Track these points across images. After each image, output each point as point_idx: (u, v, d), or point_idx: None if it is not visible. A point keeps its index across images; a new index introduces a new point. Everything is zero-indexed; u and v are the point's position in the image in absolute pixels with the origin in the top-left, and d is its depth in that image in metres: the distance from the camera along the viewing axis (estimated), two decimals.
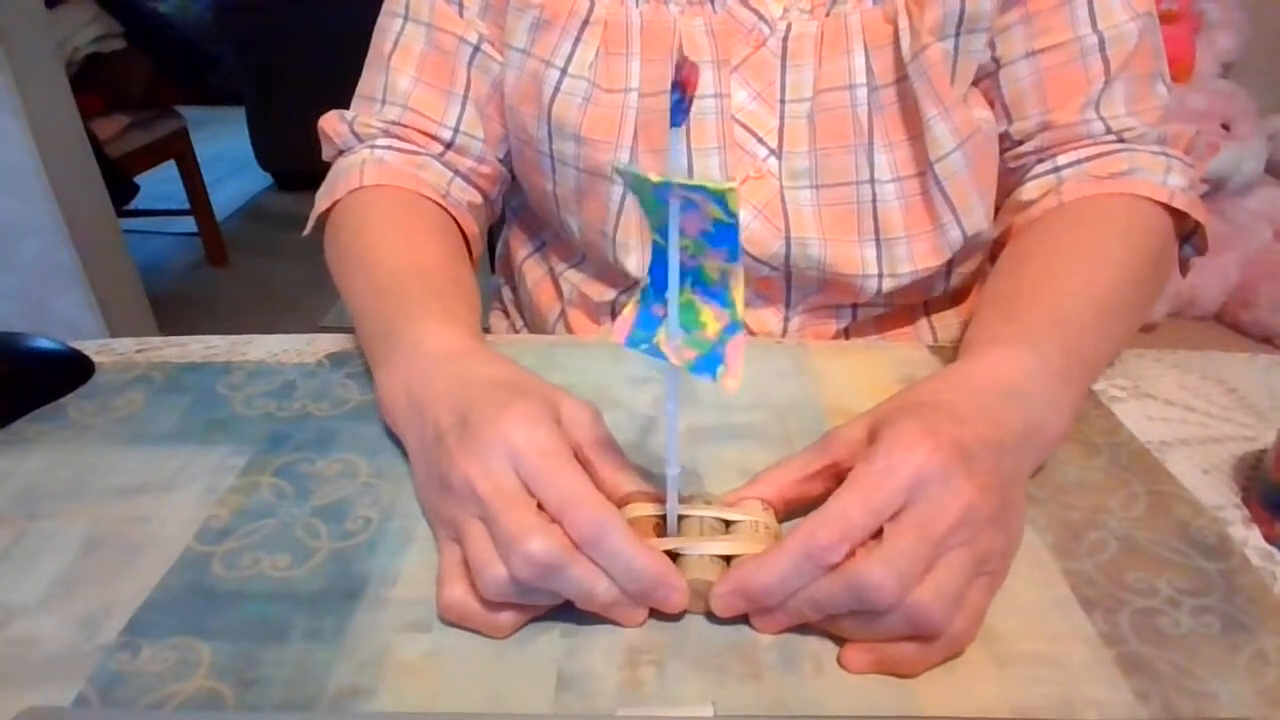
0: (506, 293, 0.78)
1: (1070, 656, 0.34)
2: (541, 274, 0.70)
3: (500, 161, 0.65)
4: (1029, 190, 0.59)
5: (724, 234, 0.30)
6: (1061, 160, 0.58)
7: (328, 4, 2.67)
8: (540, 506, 0.35)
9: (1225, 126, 1.78)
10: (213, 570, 0.39)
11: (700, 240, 0.31)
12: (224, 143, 3.47)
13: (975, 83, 0.58)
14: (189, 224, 2.65)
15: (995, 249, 0.62)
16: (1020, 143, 0.59)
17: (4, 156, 1.57)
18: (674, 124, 0.30)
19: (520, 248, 0.73)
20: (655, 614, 0.36)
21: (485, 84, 0.62)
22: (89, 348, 0.57)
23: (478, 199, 0.64)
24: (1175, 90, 0.60)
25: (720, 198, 0.28)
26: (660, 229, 0.31)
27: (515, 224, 0.74)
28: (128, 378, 0.54)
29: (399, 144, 0.61)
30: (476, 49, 0.61)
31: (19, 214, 1.62)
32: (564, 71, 0.57)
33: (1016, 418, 0.40)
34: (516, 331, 0.75)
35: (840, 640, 0.35)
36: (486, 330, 0.70)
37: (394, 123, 0.61)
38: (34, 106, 1.57)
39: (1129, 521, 0.41)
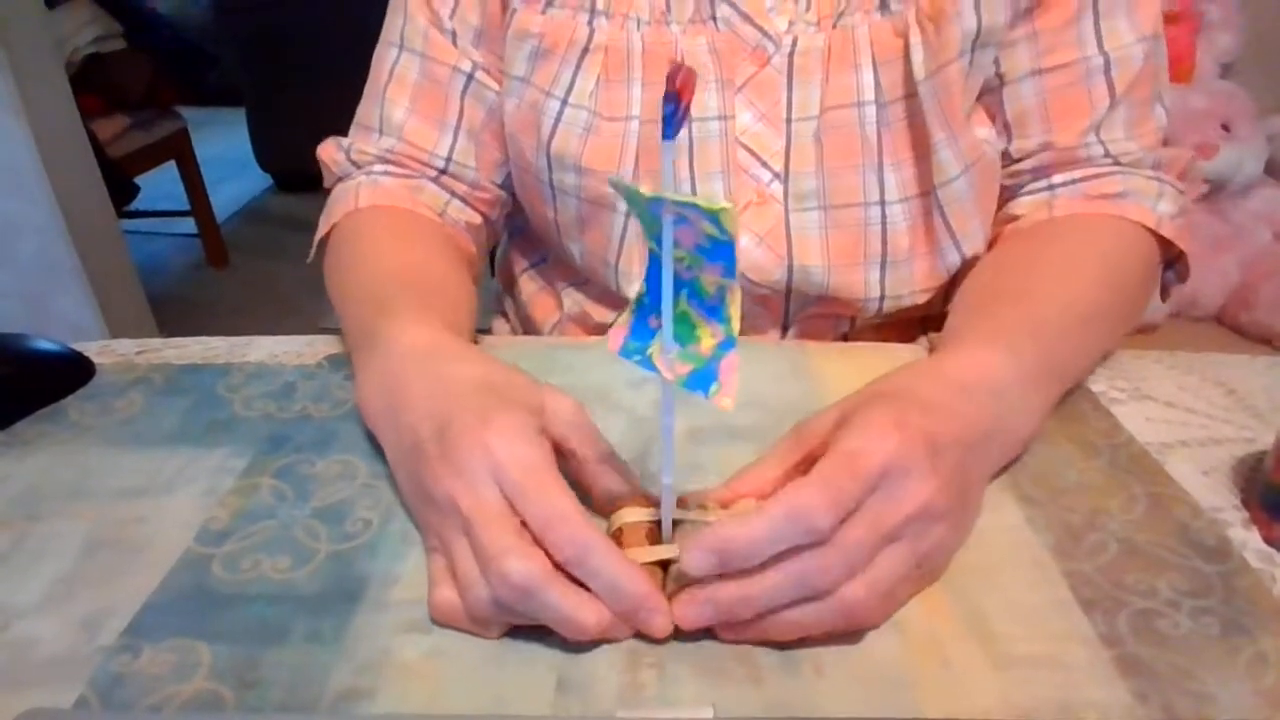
0: (507, 299, 0.78)
1: (1070, 658, 0.34)
2: (538, 288, 0.70)
3: (499, 186, 0.64)
4: (1021, 206, 0.59)
5: (720, 250, 0.30)
6: (1057, 179, 0.58)
7: (328, 4, 2.68)
8: (525, 524, 0.35)
9: (1225, 127, 1.78)
10: (213, 572, 0.39)
11: (696, 254, 0.30)
12: (224, 143, 3.46)
13: (978, 98, 0.58)
14: (189, 225, 2.65)
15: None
16: (1018, 160, 0.59)
17: (4, 156, 1.57)
18: (666, 136, 0.29)
19: (519, 261, 0.72)
20: None
21: (480, 112, 0.61)
22: (90, 349, 0.57)
23: (476, 219, 0.64)
24: (1176, 91, 0.60)
25: (714, 216, 0.28)
26: (655, 237, 0.31)
27: (516, 239, 0.74)
28: (128, 379, 0.54)
29: (395, 169, 0.62)
30: (470, 77, 0.60)
31: (19, 214, 1.62)
32: (564, 102, 0.56)
33: (986, 416, 0.40)
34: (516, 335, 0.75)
35: (837, 642, 0.35)
36: (487, 332, 0.70)
37: (389, 150, 0.61)
38: (34, 106, 1.57)
39: (1129, 523, 0.41)
